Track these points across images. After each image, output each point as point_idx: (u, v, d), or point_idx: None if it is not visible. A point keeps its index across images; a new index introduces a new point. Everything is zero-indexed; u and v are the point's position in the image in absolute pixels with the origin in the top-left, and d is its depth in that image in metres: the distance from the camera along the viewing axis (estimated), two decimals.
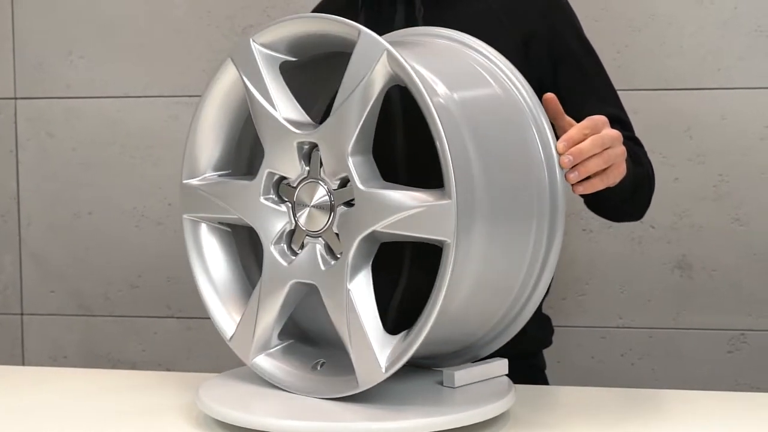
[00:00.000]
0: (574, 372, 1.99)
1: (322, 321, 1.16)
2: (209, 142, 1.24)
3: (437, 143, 1.02)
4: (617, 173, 1.20)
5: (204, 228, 1.26)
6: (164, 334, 2.16)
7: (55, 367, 1.98)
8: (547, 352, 1.55)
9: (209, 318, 1.27)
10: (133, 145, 2.14)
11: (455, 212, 1.00)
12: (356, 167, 1.10)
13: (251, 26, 2.07)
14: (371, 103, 1.08)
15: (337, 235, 1.14)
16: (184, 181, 1.25)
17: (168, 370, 2.14)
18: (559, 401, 1.26)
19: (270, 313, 1.18)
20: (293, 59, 1.19)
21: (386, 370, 1.07)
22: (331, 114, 1.12)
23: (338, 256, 1.13)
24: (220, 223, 1.26)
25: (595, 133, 1.16)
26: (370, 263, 1.12)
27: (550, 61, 1.39)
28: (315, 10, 1.54)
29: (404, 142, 1.34)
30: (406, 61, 1.04)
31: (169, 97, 2.12)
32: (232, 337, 1.23)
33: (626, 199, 1.35)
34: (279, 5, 2.05)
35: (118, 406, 1.24)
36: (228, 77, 1.20)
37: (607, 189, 1.21)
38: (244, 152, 1.26)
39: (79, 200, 2.17)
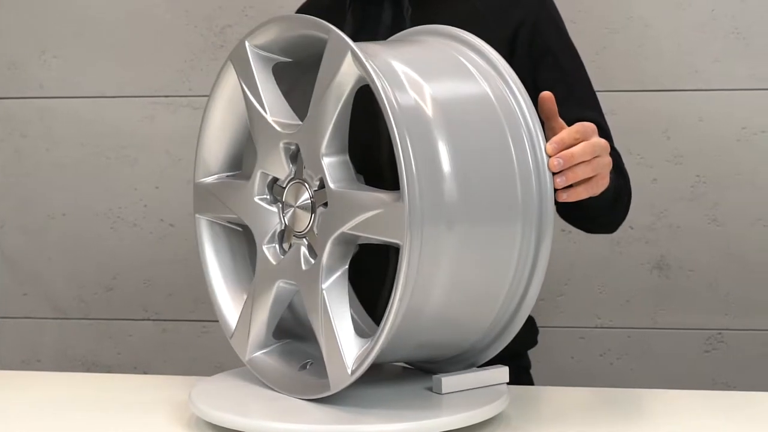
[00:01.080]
0: (553, 372, 1.99)
1: None
2: (217, 142, 1.26)
3: (393, 144, 1.01)
4: (602, 183, 1.19)
5: (216, 227, 1.28)
6: (140, 337, 2.14)
7: (29, 371, 1.96)
8: (530, 352, 1.56)
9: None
10: (108, 146, 2.11)
11: (407, 215, 0.99)
12: (329, 168, 1.10)
13: (229, 26, 2.05)
14: (341, 104, 1.08)
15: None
16: (197, 181, 1.27)
17: (144, 373, 2.12)
18: (548, 401, 1.26)
19: (263, 312, 1.18)
20: (288, 60, 1.19)
21: (353, 373, 1.07)
22: (308, 114, 1.12)
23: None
24: (229, 222, 1.27)
25: (585, 140, 1.14)
26: (346, 264, 1.12)
27: (530, 59, 1.39)
28: (300, 10, 1.53)
29: (389, 142, 1.33)
30: (366, 59, 1.04)
31: (145, 98, 2.09)
32: (232, 335, 1.23)
33: (605, 211, 1.35)
34: (257, 5, 2.04)
35: (103, 409, 1.22)
36: (231, 78, 1.21)
37: (588, 199, 1.19)
38: (255, 152, 1.25)
39: (52, 201, 2.14)
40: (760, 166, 1.94)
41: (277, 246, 1.19)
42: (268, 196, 1.20)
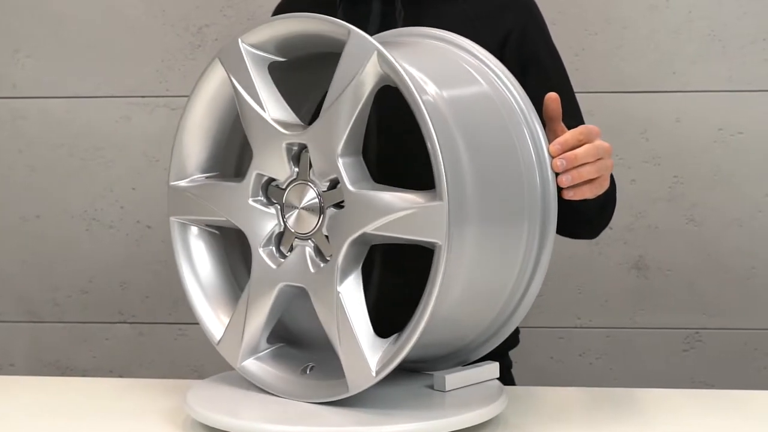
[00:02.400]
0: (532, 372, 2.00)
1: (312, 324, 1.14)
2: (196, 143, 1.23)
3: (428, 144, 1.01)
4: (604, 185, 1.20)
5: (192, 230, 1.25)
6: (116, 341, 2.12)
7: (3, 376, 1.92)
8: (511, 352, 1.56)
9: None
10: (82, 147, 2.09)
11: (447, 214, 0.99)
12: (346, 168, 1.09)
13: (206, 26, 2.04)
14: (361, 104, 1.08)
15: (326, 237, 1.13)
16: (172, 183, 1.23)
17: (120, 376, 2.10)
18: (543, 401, 1.26)
19: (259, 317, 1.16)
20: (282, 59, 1.17)
21: (377, 374, 1.06)
22: (320, 115, 1.11)
23: (328, 258, 1.12)
24: (207, 225, 1.24)
25: (589, 142, 1.16)
26: (360, 266, 1.11)
27: (518, 66, 1.39)
28: (280, 9, 1.52)
29: (377, 143, 1.33)
30: (396, 61, 1.04)
31: (120, 98, 2.07)
32: (219, 340, 1.21)
33: (597, 213, 1.36)
34: (235, 5, 2.03)
35: (87, 414, 1.20)
36: (215, 78, 1.18)
37: (584, 201, 1.20)
38: (233, 154, 1.24)
39: (26, 203, 2.11)
40: (736, 167, 1.96)
41: (274, 249, 1.17)
42: (263, 198, 1.18)
